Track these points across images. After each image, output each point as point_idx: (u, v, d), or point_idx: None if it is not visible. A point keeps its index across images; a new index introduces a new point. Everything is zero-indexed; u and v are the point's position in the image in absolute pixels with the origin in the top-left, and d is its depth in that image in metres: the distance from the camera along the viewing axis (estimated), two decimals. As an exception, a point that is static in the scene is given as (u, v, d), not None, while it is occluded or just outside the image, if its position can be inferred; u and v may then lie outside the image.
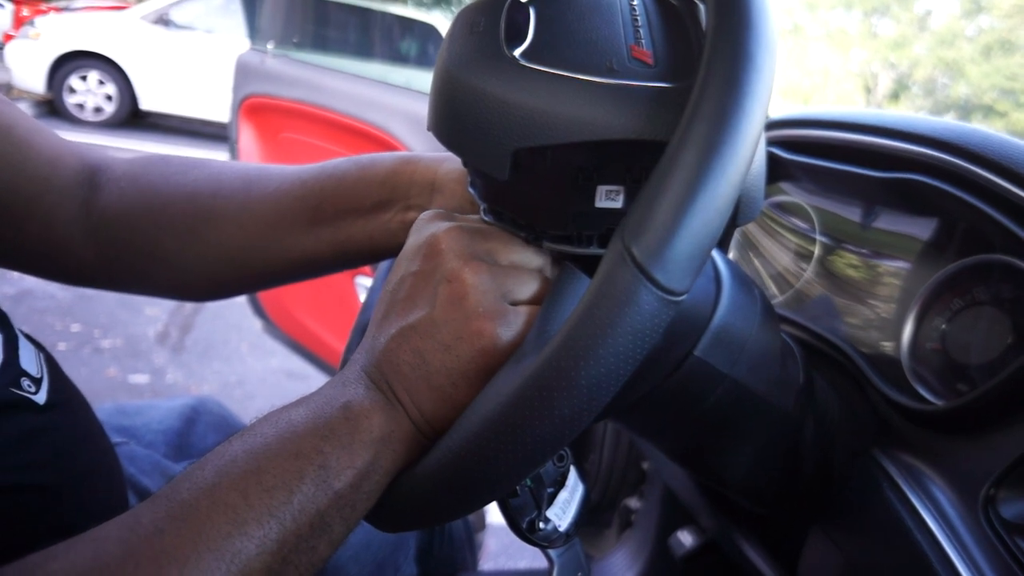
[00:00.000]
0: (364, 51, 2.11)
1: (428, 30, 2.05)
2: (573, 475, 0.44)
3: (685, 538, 0.73)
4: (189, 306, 2.90)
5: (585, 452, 0.96)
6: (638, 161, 0.33)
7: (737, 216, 0.36)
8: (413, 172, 0.48)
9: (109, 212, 0.52)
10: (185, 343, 2.67)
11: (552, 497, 0.43)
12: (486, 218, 0.39)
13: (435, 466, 0.33)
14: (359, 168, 0.49)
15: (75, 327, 2.63)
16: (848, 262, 0.56)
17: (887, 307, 0.51)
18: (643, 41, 0.33)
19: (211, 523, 0.30)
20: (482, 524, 1.01)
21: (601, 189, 0.34)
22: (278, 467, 0.32)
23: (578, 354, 0.28)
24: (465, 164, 0.40)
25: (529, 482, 0.42)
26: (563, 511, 0.43)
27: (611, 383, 0.28)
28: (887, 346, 0.50)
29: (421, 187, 0.48)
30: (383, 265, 0.56)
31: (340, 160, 0.51)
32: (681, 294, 0.28)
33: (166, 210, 0.52)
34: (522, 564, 1.53)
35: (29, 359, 0.47)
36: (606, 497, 0.95)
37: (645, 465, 0.90)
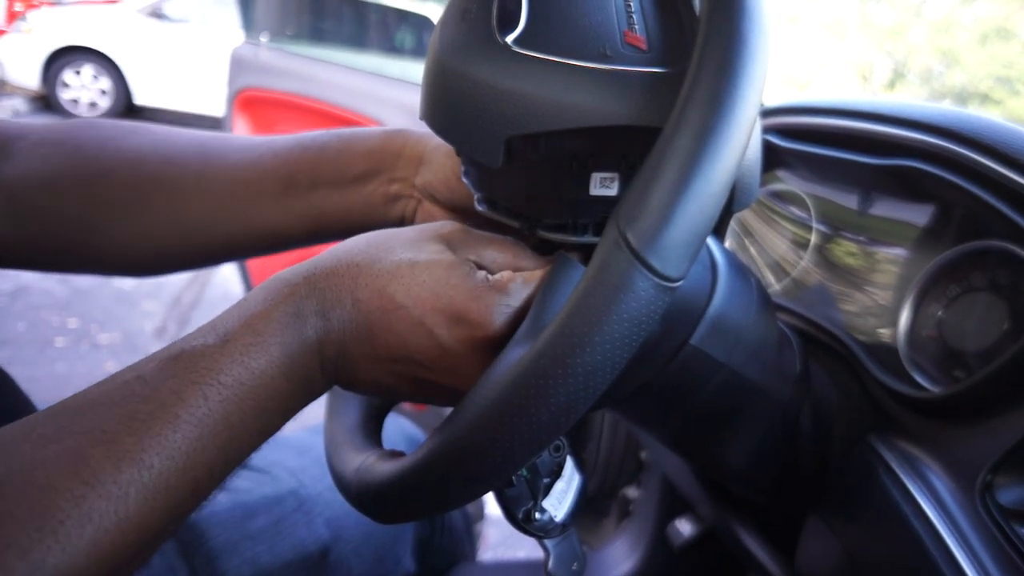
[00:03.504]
0: (359, 43, 2.10)
1: (423, 21, 2.04)
2: (570, 465, 0.44)
3: (683, 527, 0.73)
4: (186, 300, 2.90)
5: (583, 442, 0.96)
6: (633, 147, 0.32)
7: (733, 203, 0.36)
8: (402, 145, 0.47)
9: (28, 182, 0.48)
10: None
11: (548, 487, 0.43)
12: (480, 207, 0.39)
13: (431, 456, 0.33)
14: (341, 140, 0.48)
15: (72, 322, 2.62)
16: (845, 250, 0.56)
17: (884, 294, 0.51)
18: (636, 26, 0.33)
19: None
20: (481, 515, 1.01)
21: (596, 176, 0.34)
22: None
23: (574, 341, 0.28)
24: (458, 153, 0.39)
25: (525, 472, 0.42)
26: (559, 501, 0.43)
27: (607, 371, 0.28)
28: (884, 333, 0.50)
29: (408, 159, 0.47)
30: None
31: (319, 132, 0.49)
32: (677, 280, 0.28)
33: (104, 178, 0.48)
34: (521, 554, 1.54)
35: None
36: (604, 487, 0.95)
37: (643, 454, 0.91)
